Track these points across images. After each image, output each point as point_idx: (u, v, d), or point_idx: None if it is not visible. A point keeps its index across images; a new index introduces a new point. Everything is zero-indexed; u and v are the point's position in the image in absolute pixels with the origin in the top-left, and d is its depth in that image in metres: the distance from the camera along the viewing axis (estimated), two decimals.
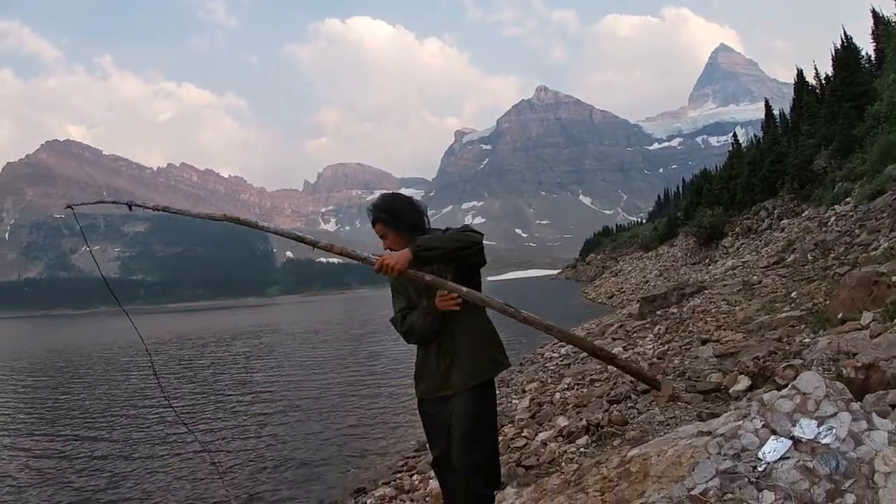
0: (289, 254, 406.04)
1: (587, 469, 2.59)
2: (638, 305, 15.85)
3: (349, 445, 9.96)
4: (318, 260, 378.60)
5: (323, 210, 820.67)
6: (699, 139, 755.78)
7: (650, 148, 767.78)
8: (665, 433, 3.27)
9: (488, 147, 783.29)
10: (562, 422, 6.37)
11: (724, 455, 2.09)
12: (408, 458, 8.64)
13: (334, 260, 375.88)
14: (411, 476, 7.13)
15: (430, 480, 6.27)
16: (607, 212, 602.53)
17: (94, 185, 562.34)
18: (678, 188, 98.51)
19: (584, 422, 5.81)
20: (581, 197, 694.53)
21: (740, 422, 2.17)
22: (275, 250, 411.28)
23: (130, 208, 3.87)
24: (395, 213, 3.45)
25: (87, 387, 19.08)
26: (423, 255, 3.17)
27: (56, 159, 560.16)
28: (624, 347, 10.14)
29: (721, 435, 2.16)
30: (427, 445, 3.69)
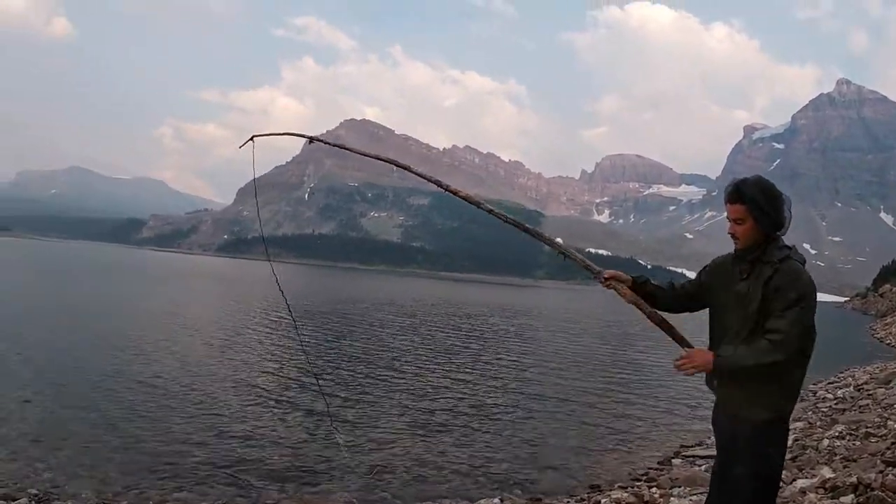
0: (558, 240, 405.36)
1: None
2: None
3: (591, 441, 10.00)
4: (586, 250, 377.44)
5: (598, 201, 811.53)
6: None
7: None
8: None
9: (781, 146, 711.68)
10: (826, 473, 5.89)
11: None
12: (650, 468, 8.49)
13: (603, 252, 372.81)
14: (650, 488, 6.95)
15: (672, 498, 6.14)
16: None
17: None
18: None
19: (853, 479, 5.33)
20: (882, 214, 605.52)
21: None
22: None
23: (311, 142, 4.40)
24: (772, 205, 3.17)
25: (355, 336, 20.97)
26: (725, 371, 3.15)
27: (352, 135, 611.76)
28: None
29: None
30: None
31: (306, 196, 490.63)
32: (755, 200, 3.15)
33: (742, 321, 3.19)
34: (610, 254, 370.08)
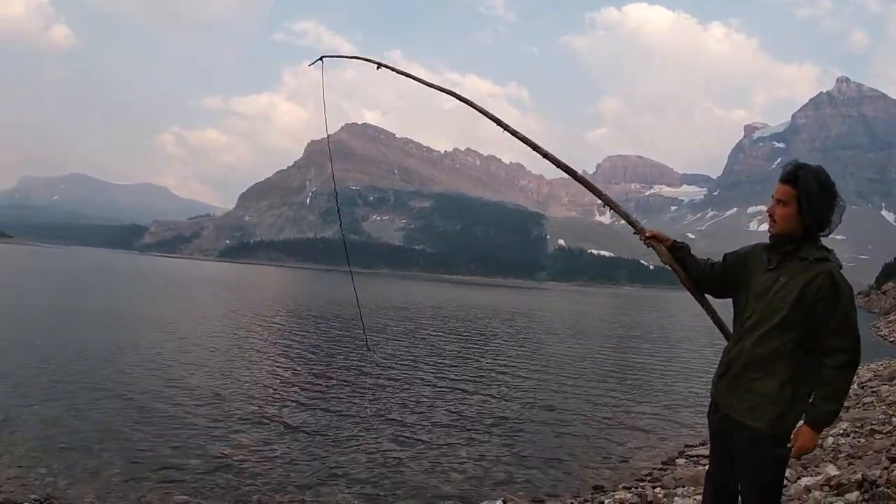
0: (561, 242, 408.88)
1: None
2: None
3: (594, 442, 9.98)
4: (588, 251, 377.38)
5: (599, 202, 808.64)
6: None
7: None
8: None
9: (781, 145, 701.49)
10: (831, 470, 5.84)
11: None
12: (654, 468, 8.47)
13: (605, 253, 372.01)
14: (654, 488, 6.90)
15: (676, 498, 6.10)
16: None
17: (387, 164, 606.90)
18: None
19: (858, 475, 5.28)
20: (883, 212, 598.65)
21: None
22: (548, 237, 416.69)
23: (378, 67, 4.35)
24: (824, 200, 2.99)
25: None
26: (830, 423, 3.09)
27: (354, 139, 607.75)
28: None
29: None
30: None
31: (308, 200, 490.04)
32: (807, 188, 2.97)
33: (763, 314, 3.04)
34: (612, 254, 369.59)
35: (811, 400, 2.96)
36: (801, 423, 3.01)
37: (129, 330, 20.33)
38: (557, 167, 3.91)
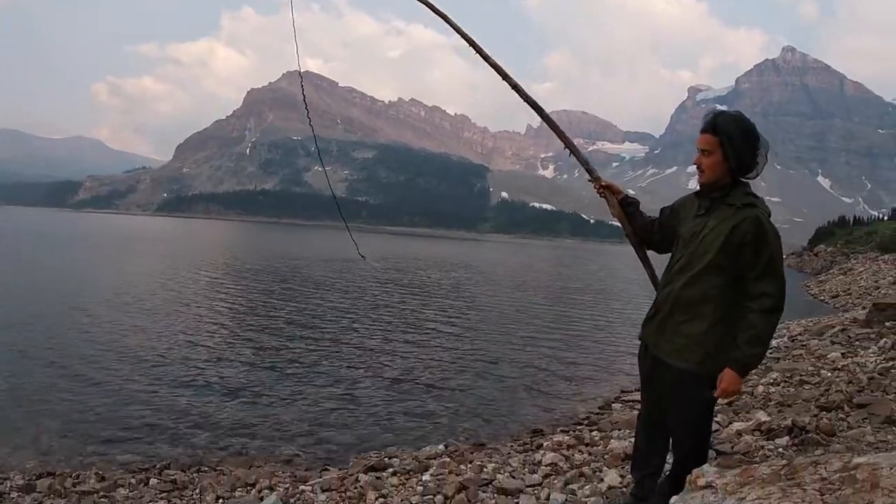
0: (504, 194, 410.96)
1: (801, 466, 2.46)
2: (865, 311, 14.33)
3: (534, 390, 10.15)
4: (531, 204, 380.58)
5: (542, 156, 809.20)
6: None
7: None
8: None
9: (724, 108, 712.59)
10: (762, 416, 6.02)
11: None
12: (591, 413, 8.66)
13: (547, 206, 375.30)
14: (591, 431, 7.04)
15: (612, 440, 6.21)
16: (846, 199, 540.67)
17: (330, 114, 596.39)
18: None
19: (788, 421, 5.46)
20: (820, 178, 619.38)
21: None
22: (491, 189, 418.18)
23: None
24: (745, 144, 3.00)
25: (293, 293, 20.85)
26: (754, 367, 3.06)
27: (296, 88, 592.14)
28: (843, 354, 9.30)
29: None
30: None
31: (248, 151, 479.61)
32: (728, 134, 2.98)
33: (691, 258, 3.06)
34: (554, 208, 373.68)
35: (736, 343, 2.93)
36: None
37: (63, 293, 19.39)
38: (526, 101, 3.87)
